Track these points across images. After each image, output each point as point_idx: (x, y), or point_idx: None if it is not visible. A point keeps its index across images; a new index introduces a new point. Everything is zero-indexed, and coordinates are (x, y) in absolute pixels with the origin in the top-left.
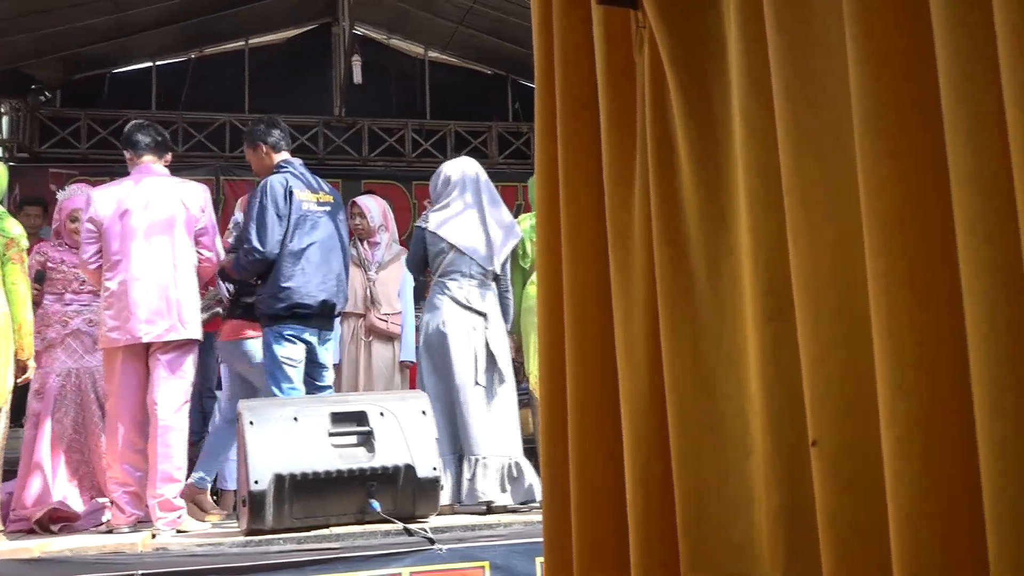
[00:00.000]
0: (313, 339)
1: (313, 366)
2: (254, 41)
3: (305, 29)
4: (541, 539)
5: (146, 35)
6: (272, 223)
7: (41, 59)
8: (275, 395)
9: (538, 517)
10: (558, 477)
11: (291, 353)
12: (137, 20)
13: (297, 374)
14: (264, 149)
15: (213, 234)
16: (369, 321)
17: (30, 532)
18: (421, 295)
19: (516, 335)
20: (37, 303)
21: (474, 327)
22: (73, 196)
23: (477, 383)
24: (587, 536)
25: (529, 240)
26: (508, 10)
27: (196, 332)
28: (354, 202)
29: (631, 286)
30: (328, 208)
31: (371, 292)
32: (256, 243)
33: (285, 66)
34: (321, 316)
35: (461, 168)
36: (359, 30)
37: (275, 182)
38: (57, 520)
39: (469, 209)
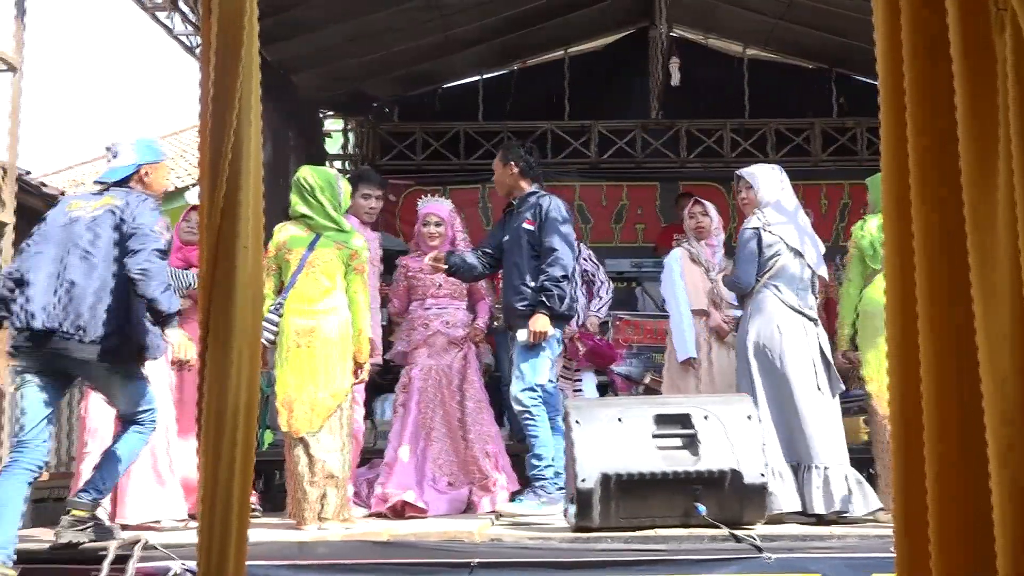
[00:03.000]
0: None
1: None
2: (574, 49)
3: (622, 34)
4: (875, 554)
5: (472, 51)
6: None
7: (378, 78)
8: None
9: (874, 531)
10: (913, 488)
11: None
12: (463, 37)
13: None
14: (515, 169)
15: None
16: (715, 321)
17: (380, 516)
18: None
19: (846, 340)
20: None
21: (806, 331)
22: (430, 204)
23: (819, 388)
24: (946, 555)
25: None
26: (831, 1)
27: None
28: (697, 201)
29: (995, 279)
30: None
31: (716, 292)
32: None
33: (603, 71)
34: None
35: (778, 173)
36: (676, 32)
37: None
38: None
39: (791, 217)
